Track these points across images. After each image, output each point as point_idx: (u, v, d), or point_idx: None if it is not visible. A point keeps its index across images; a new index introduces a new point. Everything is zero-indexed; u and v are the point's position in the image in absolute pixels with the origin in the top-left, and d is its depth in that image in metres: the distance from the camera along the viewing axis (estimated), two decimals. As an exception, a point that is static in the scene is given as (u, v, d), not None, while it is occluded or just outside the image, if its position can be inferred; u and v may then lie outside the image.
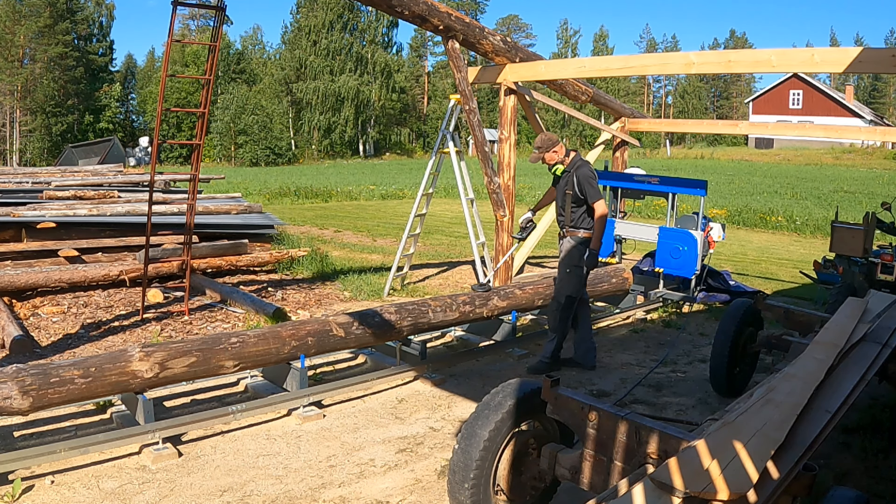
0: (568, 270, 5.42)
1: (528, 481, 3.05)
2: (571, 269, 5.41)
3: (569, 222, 5.44)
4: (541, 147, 5.49)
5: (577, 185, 5.31)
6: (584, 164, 5.42)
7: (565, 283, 5.44)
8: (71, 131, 50.67)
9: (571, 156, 5.48)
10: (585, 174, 5.33)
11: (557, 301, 5.45)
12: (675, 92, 76.18)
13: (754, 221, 18.06)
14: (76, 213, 8.71)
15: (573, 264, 5.39)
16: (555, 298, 5.51)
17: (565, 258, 5.44)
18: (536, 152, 5.51)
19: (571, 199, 5.38)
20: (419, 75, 68.96)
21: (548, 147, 5.48)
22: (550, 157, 5.50)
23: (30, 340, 5.59)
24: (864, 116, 51.49)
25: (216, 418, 4.14)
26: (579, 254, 5.38)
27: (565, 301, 5.41)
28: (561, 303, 5.42)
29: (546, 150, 5.48)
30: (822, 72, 28.37)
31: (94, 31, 56.19)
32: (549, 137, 5.52)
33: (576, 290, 5.43)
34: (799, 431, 2.70)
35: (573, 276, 5.41)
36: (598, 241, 5.38)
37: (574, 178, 5.34)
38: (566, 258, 5.43)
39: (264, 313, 6.54)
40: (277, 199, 20.44)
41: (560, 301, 5.43)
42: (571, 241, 5.43)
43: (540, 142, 5.51)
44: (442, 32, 7.15)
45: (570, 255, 5.42)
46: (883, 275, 6.85)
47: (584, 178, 5.30)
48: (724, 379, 4.90)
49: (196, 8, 7.84)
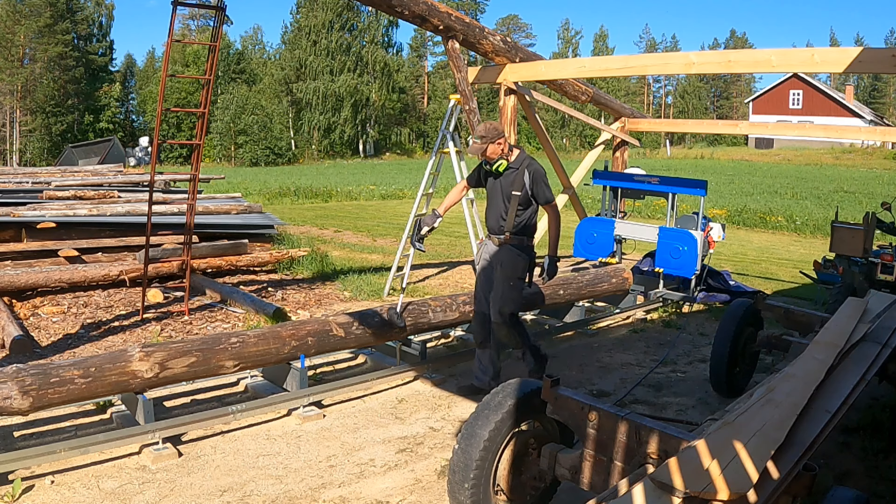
0: (511, 283, 4.71)
1: (528, 481, 3.05)
2: (515, 281, 4.73)
3: (511, 227, 4.69)
4: (485, 137, 4.65)
5: (531, 184, 4.63)
6: (534, 162, 4.73)
7: (509, 298, 4.71)
8: (71, 131, 50.67)
9: (516, 152, 4.77)
10: (539, 172, 4.67)
11: (504, 322, 4.73)
12: (675, 92, 76.19)
13: (754, 221, 18.07)
14: (76, 213, 8.71)
15: (517, 276, 4.73)
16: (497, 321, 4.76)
17: (507, 270, 4.71)
18: (478, 142, 4.66)
19: (519, 201, 4.66)
20: (419, 75, 68.95)
21: (493, 137, 4.66)
22: (493, 151, 4.69)
23: (30, 340, 5.59)
24: (864, 116, 51.50)
25: (216, 418, 4.14)
26: (524, 264, 4.75)
27: (511, 320, 4.75)
28: (507, 322, 4.74)
29: (490, 141, 4.66)
30: (822, 72, 28.41)
31: (93, 31, 56.20)
32: (495, 127, 4.73)
33: (520, 304, 4.87)
34: (799, 431, 2.70)
35: (517, 289, 4.75)
36: (557, 246, 4.83)
37: (525, 176, 4.65)
38: (508, 270, 4.71)
39: (264, 313, 6.54)
40: (277, 199, 20.45)
41: (505, 321, 4.73)
42: (514, 249, 4.72)
43: (484, 130, 4.67)
44: (442, 32, 7.15)
45: (513, 266, 4.71)
46: (883, 275, 6.85)
47: (538, 175, 4.64)
48: (724, 379, 4.90)
49: (196, 8, 7.84)
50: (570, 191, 9.53)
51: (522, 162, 4.71)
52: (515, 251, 4.72)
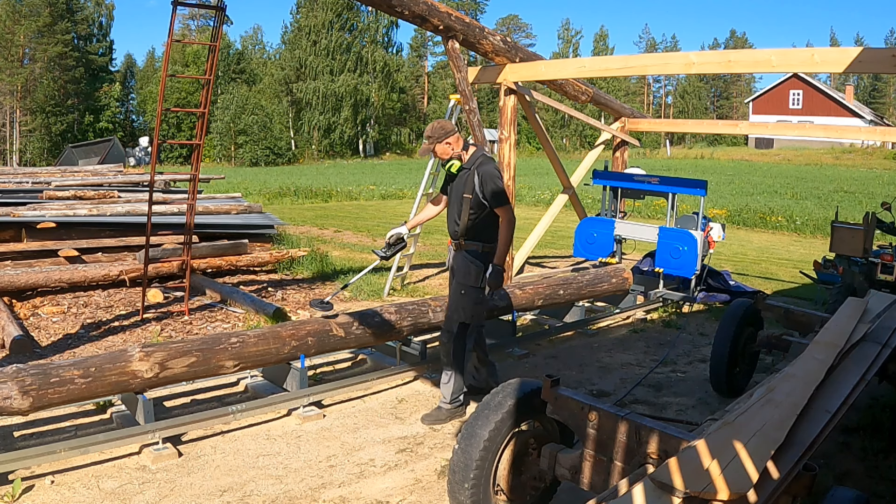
0: (462, 292, 4.44)
1: (528, 481, 3.05)
2: (467, 289, 4.43)
3: (465, 233, 4.39)
4: (431, 137, 4.39)
5: (480, 185, 4.28)
6: (489, 161, 4.38)
7: (459, 306, 4.45)
8: (71, 131, 50.68)
9: (471, 150, 4.43)
10: (490, 172, 4.30)
11: (448, 331, 4.47)
12: (675, 92, 76.20)
13: (754, 221, 18.07)
14: (76, 213, 8.71)
15: (469, 284, 4.42)
16: (444, 328, 4.55)
17: (459, 277, 4.46)
18: (426, 143, 4.42)
19: (471, 204, 4.32)
20: (419, 75, 68.96)
21: (440, 137, 4.37)
22: (443, 151, 4.41)
23: (30, 340, 5.59)
24: (864, 116, 51.50)
25: (216, 418, 4.14)
26: (477, 271, 4.41)
27: (458, 330, 4.44)
28: (453, 332, 4.44)
29: (438, 141, 4.37)
30: (822, 72, 28.39)
31: (93, 31, 56.21)
32: (442, 125, 4.41)
33: (470, 315, 4.48)
34: (799, 431, 2.70)
35: (468, 298, 4.44)
36: (504, 254, 4.38)
37: (476, 177, 4.31)
38: (461, 276, 4.44)
39: (264, 313, 6.54)
40: (277, 199, 20.45)
41: (451, 330, 4.45)
42: (468, 255, 4.42)
43: (430, 130, 4.41)
44: (442, 32, 7.15)
45: (465, 273, 4.41)
46: (883, 275, 6.85)
47: (488, 177, 4.28)
48: (724, 379, 4.90)
49: (196, 8, 7.84)
50: (570, 191, 9.53)
51: (475, 162, 4.36)
52: (469, 258, 4.41)
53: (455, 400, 4.46)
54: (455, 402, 4.46)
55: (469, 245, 4.41)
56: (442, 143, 4.38)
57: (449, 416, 4.43)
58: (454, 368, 4.43)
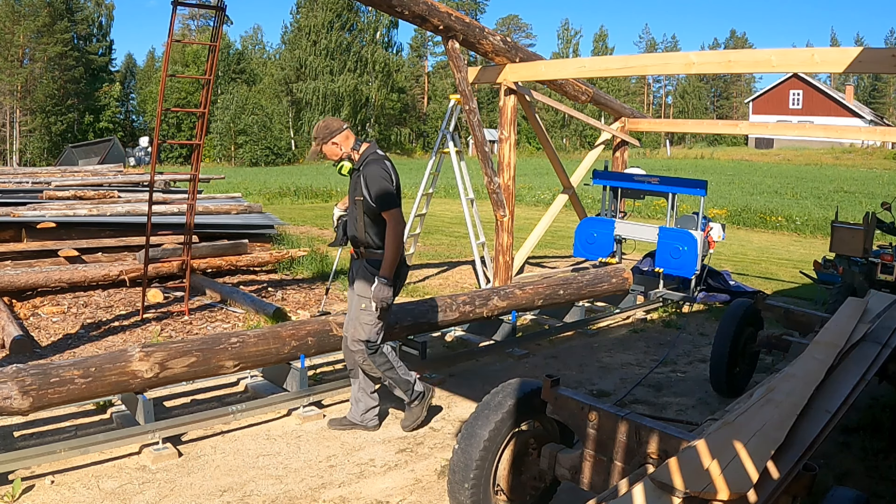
0: (363, 306, 3.99)
1: (528, 481, 3.05)
2: (367, 304, 3.99)
3: (363, 241, 4.02)
4: (316, 137, 4.04)
5: (366, 187, 3.91)
6: (377, 161, 3.96)
7: (360, 323, 4.03)
8: (71, 131, 50.68)
9: (363, 148, 4.05)
10: (375, 174, 3.89)
11: (358, 350, 4.09)
12: (675, 92, 76.20)
13: (754, 221, 18.07)
14: (76, 213, 8.71)
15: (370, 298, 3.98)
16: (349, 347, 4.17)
17: (358, 289, 4.06)
18: (313, 144, 4.10)
19: (364, 208, 3.96)
20: (419, 75, 68.95)
21: (324, 137, 4.00)
22: (331, 152, 4.04)
23: (30, 340, 5.59)
24: (864, 116, 51.50)
25: (216, 418, 4.14)
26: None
27: (367, 347, 4.04)
28: (363, 349, 4.06)
29: (323, 142, 4.02)
30: (822, 72, 28.38)
31: (93, 31, 56.20)
32: (327, 124, 4.05)
33: (374, 332, 4.04)
34: (799, 431, 2.70)
35: (369, 313, 3.99)
36: (391, 266, 3.91)
37: (362, 179, 3.94)
38: (360, 289, 4.04)
39: (264, 313, 6.54)
40: (277, 199, 20.44)
41: (360, 348, 4.06)
42: (368, 266, 4.02)
43: (317, 130, 4.05)
44: (442, 32, 7.15)
45: (365, 286, 4.01)
46: (883, 275, 6.85)
47: (372, 177, 3.89)
48: (724, 379, 4.90)
49: (196, 8, 7.84)
50: (570, 191, 9.53)
51: (363, 162, 3.99)
52: (370, 268, 4.01)
53: (413, 393, 4.20)
54: (415, 395, 4.20)
55: (369, 254, 4.04)
56: (328, 143, 4.01)
57: (421, 409, 4.23)
58: (389, 375, 4.12)
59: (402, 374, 4.16)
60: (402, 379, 4.16)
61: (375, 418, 4.28)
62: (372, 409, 4.25)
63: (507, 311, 6.10)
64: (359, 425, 4.25)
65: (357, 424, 4.26)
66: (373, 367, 4.10)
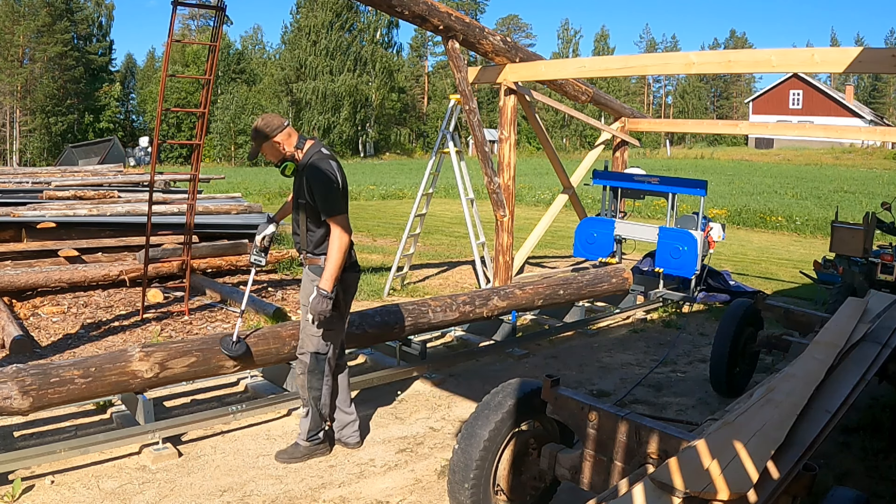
0: (310, 317, 3.68)
1: (528, 481, 3.05)
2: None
3: (307, 245, 3.74)
4: (257, 137, 3.65)
5: (308, 191, 3.59)
6: (321, 160, 3.61)
7: (307, 333, 3.75)
8: (71, 131, 50.67)
9: (307, 146, 3.69)
10: (316, 174, 3.57)
11: (302, 361, 3.81)
12: (675, 92, 76.17)
13: (754, 221, 18.08)
14: (76, 213, 8.72)
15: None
16: (298, 358, 3.89)
17: (304, 298, 3.79)
18: (253, 144, 3.73)
19: (307, 212, 3.66)
20: (419, 75, 68.94)
21: (262, 138, 3.63)
22: (271, 153, 3.69)
23: (30, 340, 5.59)
24: (864, 116, 51.50)
25: (216, 418, 4.14)
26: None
27: (311, 360, 3.75)
28: (306, 363, 3.77)
29: (263, 141, 3.64)
30: (822, 72, 28.39)
31: (93, 31, 56.19)
32: (267, 122, 3.65)
33: (322, 343, 3.76)
34: (799, 431, 2.70)
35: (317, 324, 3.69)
36: (332, 277, 3.56)
37: (305, 181, 3.61)
38: (305, 298, 3.76)
39: (264, 313, 6.55)
40: (277, 199, 20.44)
41: (304, 361, 3.78)
42: (311, 273, 3.74)
43: (256, 128, 3.66)
44: (442, 32, 7.15)
45: (307, 296, 3.74)
46: (883, 275, 6.85)
47: (314, 177, 3.56)
48: (724, 379, 4.90)
49: (196, 8, 7.84)
50: (570, 191, 9.53)
51: (306, 161, 3.65)
52: (313, 276, 3.72)
53: (313, 437, 3.85)
54: (313, 439, 3.85)
55: (313, 260, 3.74)
56: (267, 142, 3.64)
57: (306, 453, 3.84)
58: (311, 403, 3.80)
59: (322, 412, 3.84)
60: (318, 416, 3.83)
61: (356, 433, 4.05)
62: (350, 425, 4.03)
63: (507, 311, 6.11)
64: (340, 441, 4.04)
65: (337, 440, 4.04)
66: (304, 384, 3.78)
